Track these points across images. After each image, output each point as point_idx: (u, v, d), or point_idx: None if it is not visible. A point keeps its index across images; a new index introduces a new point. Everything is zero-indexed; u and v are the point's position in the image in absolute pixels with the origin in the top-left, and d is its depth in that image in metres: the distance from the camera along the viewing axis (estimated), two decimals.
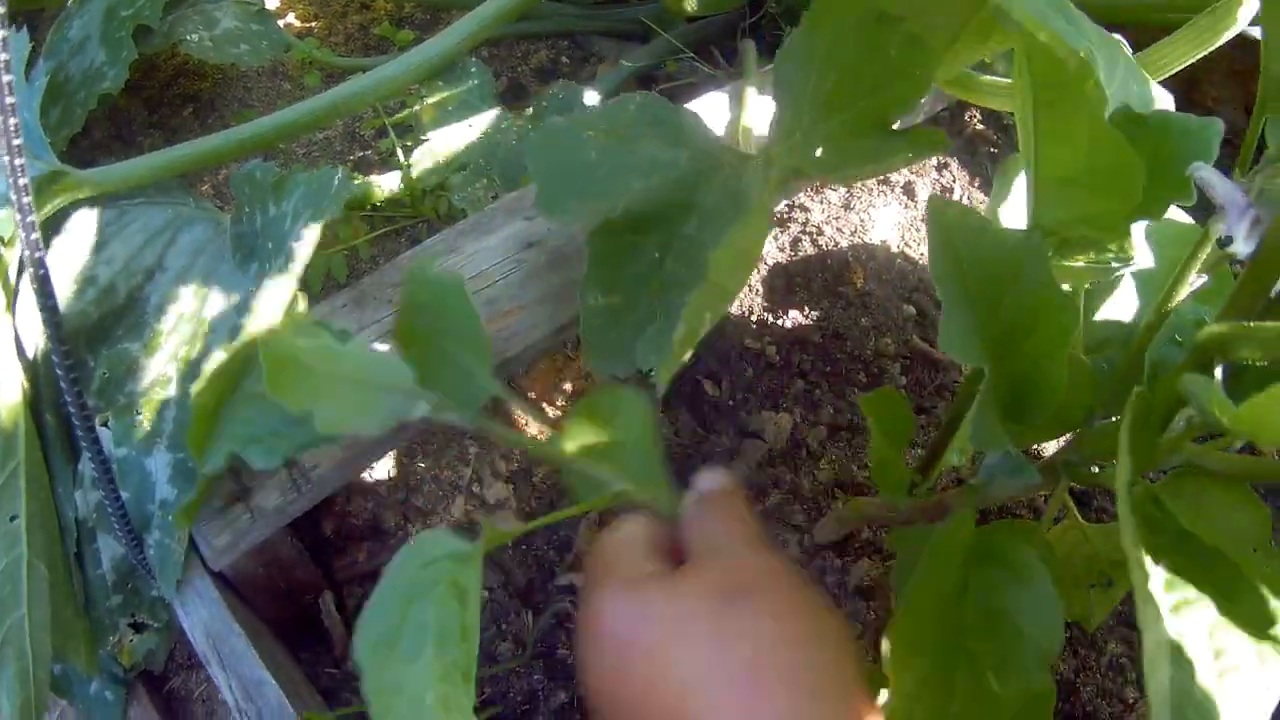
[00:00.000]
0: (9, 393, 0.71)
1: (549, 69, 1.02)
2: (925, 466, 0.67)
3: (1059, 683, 0.74)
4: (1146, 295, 0.68)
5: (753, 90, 0.85)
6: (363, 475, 0.75)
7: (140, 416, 0.72)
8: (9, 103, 0.58)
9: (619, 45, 1.02)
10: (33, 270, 0.62)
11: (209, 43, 0.94)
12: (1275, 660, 0.44)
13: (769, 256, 0.88)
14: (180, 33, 0.94)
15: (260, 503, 0.67)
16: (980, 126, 1.01)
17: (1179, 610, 0.44)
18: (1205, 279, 0.67)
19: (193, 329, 0.75)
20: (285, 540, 0.71)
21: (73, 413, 0.66)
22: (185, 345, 0.74)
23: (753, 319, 0.84)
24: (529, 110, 0.88)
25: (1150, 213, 0.53)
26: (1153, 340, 0.56)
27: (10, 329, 0.74)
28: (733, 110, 0.85)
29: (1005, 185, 0.72)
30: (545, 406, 0.81)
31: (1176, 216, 0.68)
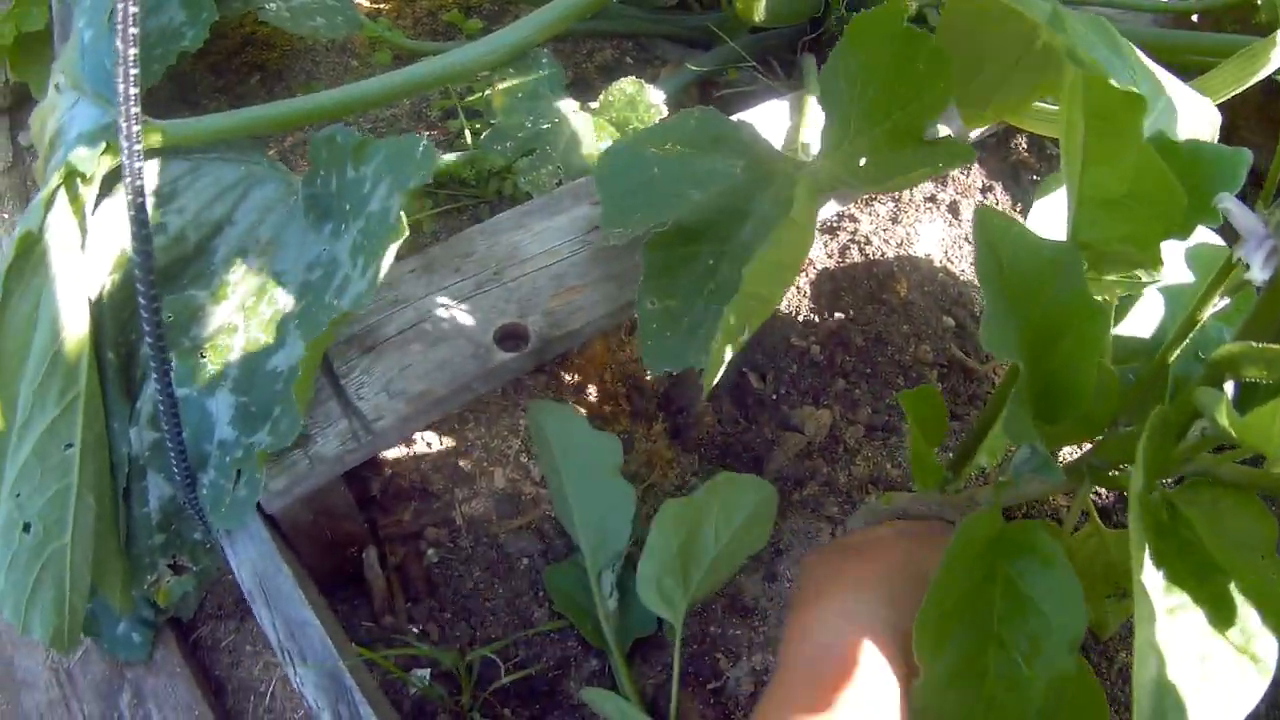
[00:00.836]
0: (77, 325, 0.73)
1: (613, 67, 1.06)
2: (956, 465, 0.69)
3: None
4: (1174, 311, 0.72)
5: (812, 100, 0.88)
6: (414, 436, 0.77)
7: (205, 360, 0.74)
8: (132, 33, 0.60)
9: (682, 50, 1.06)
10: (132, 211, 0.64)
11: (286, 13, 0.96)
12: (1253, 674, 0.47)
13: (818, 261, 0.90)
14: (259, 0, 0.97)
15: (320, 450, 0.69)
16: (1025, 154, 1.04)
17: (1174, 613, 0.47)
18: (1228, 300, 0.71)
19: (260, 281, 0.77)
20: (338, 490, 0.73)
21: (149, 344, 0.67)
22: (253, 296, 0.76)
23: (799, 318, 0.87)
24: (595, 104, 0.91)
25: (1180, 233, 0.56)
26: (1176, 355, 0.60)
27: (82, 264, 0.75)
28: (792, 119, 0.88)
29: (1043, 200, 0.75)
30: (595, 384, 0.83)
31: (1209, 239, 0.71)
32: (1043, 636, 0.55)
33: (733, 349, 0.58)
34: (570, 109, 0.90)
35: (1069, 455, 0.84)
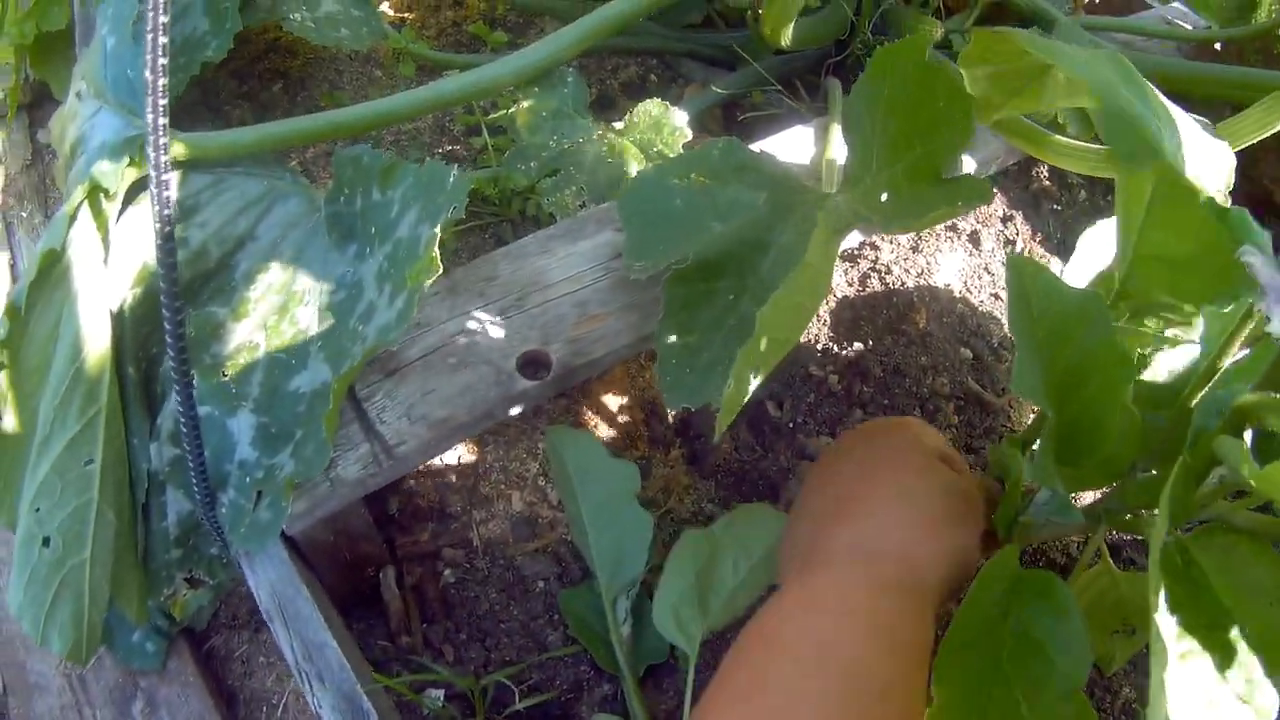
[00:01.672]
0: (99, 342, 0.73)
1: (637, 85, 1.05)
2: None
3: None
4: (1198, 360, 0.72)
5: (836, 129, 0.88)
6: (441, 454, 0.77)
7: (226, 378, 0.74)
8: (162, 63, 0.60)
9: (706, 69, 1.05)
10: (158, 226, 0.64)
11: (311, 23, 0.96)
12: None
13: (838, 289, 0.91)
14: (283, 10, 0.96)
15: (341, 473, 0.69)
16: (1046, 183, 1.04)
17: (1185, 658, 0.48)
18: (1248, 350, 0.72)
19: (282, 300, 0.77)
20: (358, 512, 0.73)
21: (173, 365, 0.67)
22: (274, 315, 0.76)
23: (818, 347, 0.87)
24: (619, 123, 0.91)
25: (1227, 296, 0.57)
26: (1198, 402, 0.60)
27: (104, 280, 0.75)
28: (817, 145, 0.88)
29: (1083, 250, 0.77)
30: (614, 409, 0.83)
31: None
32: (1045, 680, 0.57)
33: (746, 391, 0.59)
34: (595, 130, 0.90)
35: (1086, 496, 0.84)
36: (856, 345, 0.87)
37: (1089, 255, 0.77)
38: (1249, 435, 0.57)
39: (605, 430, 0.82)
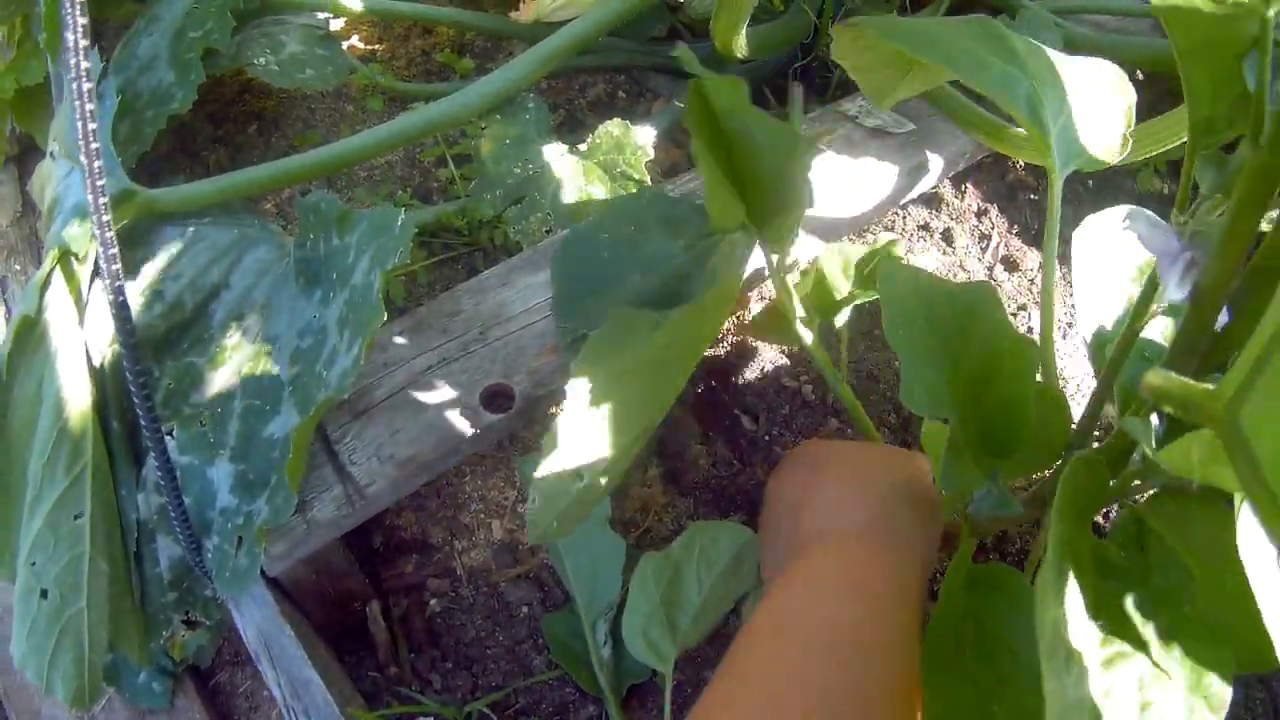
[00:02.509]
0: (80, 400, 0.75)
1: (605, 103, 1.06)
2: None
3: None
4: (1114, 331, 0.72)
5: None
6: (413, 491, 0.79)
7: (204, 428, 0.76)
8: (91, 129, 0.62)
9: (673, 82, 1.05)
10: (110, 286, 0.66)
11: (275, 66, 0.97)
12: (1205, 714, 0.46)
13: None
14: (247, 56, 0.97)
15: (316, 515, 0.71)
16: (1021, 173, 1.03)
17: (1112, 664, 0.46)
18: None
19: (256, 348, 0.79)
20: (337, 550, 0.75)
21: (143, 421, 0.70)
22: (249, 362, 0.78)
23: (791, 359, 0.87)
24: (583, 145, 0.91)
25: None
26: (1120, 371, 0.60)
27: (82, 340, 0.78)
28: None
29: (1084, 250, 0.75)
30: None
31: None
32: (1011, 674, 0.57)
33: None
34: (558, 153, 0.90)
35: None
36: (829, 353, 0.87)
37: (1089, 256, 0.74)
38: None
39: None
